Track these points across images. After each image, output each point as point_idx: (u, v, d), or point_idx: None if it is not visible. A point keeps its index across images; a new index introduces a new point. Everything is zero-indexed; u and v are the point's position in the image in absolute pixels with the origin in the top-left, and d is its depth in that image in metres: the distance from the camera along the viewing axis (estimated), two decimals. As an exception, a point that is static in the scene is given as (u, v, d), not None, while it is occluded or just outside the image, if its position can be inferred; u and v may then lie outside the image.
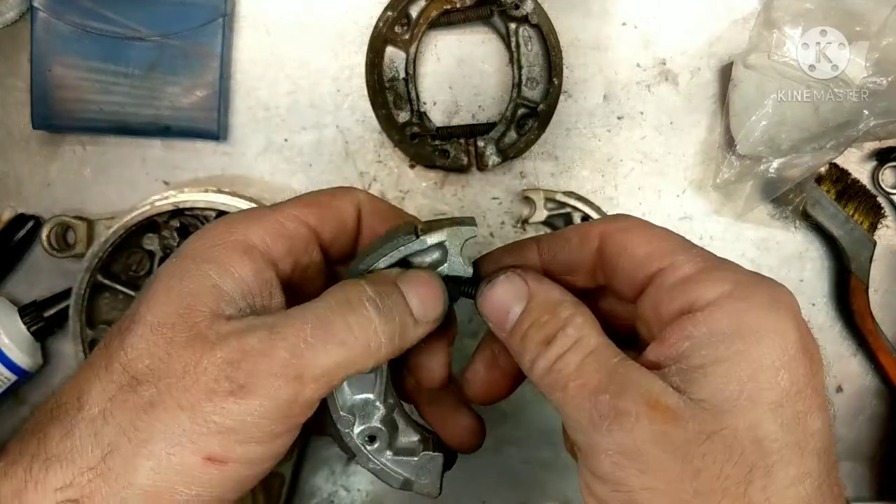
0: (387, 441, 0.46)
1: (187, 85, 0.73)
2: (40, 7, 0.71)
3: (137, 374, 0.38)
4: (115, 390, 0.38)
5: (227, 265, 0.40)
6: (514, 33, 0.72)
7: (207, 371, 0.37)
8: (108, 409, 0.37)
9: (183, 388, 0.37)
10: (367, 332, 0.40)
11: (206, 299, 0.39)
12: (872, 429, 0.79)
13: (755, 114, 0.69)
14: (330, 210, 0.45)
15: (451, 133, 0.74)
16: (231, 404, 0.37)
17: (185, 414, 0.37)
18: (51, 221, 0.73)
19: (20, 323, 0.73)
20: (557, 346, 0.38)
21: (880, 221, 0.76)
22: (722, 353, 0.35)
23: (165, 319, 0.39)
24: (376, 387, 0.46)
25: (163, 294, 0.40)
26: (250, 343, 0.38)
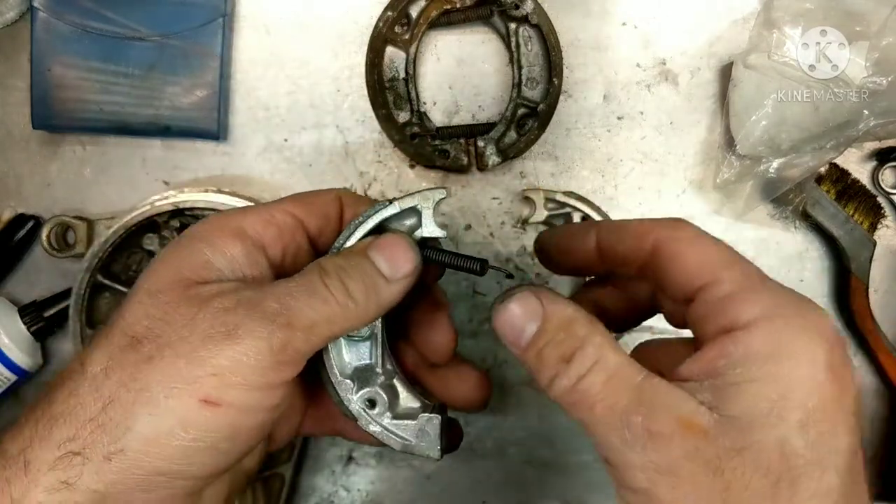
0: (386, 405, 0.48)
1: (187, 85, 0.73)
2: (40, 7, 0.71)
3: (137, 335, 0.40)
4: (115, 351, 0.40)
5: (220, 245, 0.44)
6: (514, 33, 0.72)
7: (205, 320, 0.40)
8: (109, 366, 0.40)
9: (180, 338, 0.40)
10: (341, 293, 0.43)
11: (200, 271, 0.43)
12: (872, 429, 0.79)
13: (755, 114, 0.69)
14: (314, 205, 0.49)
15: (451, 133, 0.74)
16: (226, 347, 0.39)
17: (182, 360, 0.39)
18: (51, 221, 0.73)
19: (20, 323, 0.73)
20: (577, 365, 0.40)
21: (880, 221, 0.76)
22: (755, 372, 0.37)
23: (161, 286, 0.42)
24: (373, 353, 0.49)
25: (159, 266, 0.44)
26: (243, 295, 0.41)
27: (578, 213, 0.73)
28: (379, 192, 0.76)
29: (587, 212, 0.73)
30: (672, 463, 0.36)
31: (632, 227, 0.45)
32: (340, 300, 0.43)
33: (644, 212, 0.76)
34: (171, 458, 0.39)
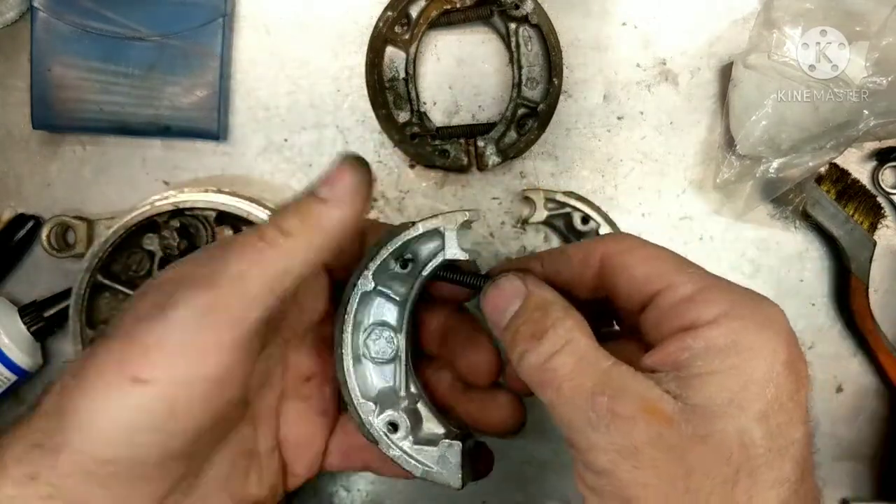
0: (408, 429, 0.47)
1: (187, 85, 0.73)
2: (40, 7, 0.71)
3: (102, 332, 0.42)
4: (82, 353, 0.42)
5: None
6: (514, 33, 0.72)
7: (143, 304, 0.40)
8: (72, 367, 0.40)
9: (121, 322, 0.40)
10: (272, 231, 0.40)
11: None
12: (872, 429, 0.79)
13: (755, 114, 0.69)
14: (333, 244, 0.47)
15: (451, 133, 0.74)
16: (155, 323, 0.38)
17: (116, 343, 0.39)
18: (51, 221, 0.73)
19: (20, 323, 0.73)
20: (548, 344, 0.40)
21: (880, 221, 0.76)
22: (717, 365, 0.38)
23: None
24: (397, 376, 0.48)
25: None
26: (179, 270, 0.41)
27: (578, 214, 0.73)
28: (379, 191, 0.76)
29: (587, 212, 0.73)
30: (635, 445, 0.37)
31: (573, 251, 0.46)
32: (270, 239, 0.40)
33: (644, 212, 0.76)
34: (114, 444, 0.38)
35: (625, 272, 0.43)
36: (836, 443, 0.79)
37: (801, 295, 0.78)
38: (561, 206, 0.74)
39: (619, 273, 0.43)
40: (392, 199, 0.76)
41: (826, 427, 0.79)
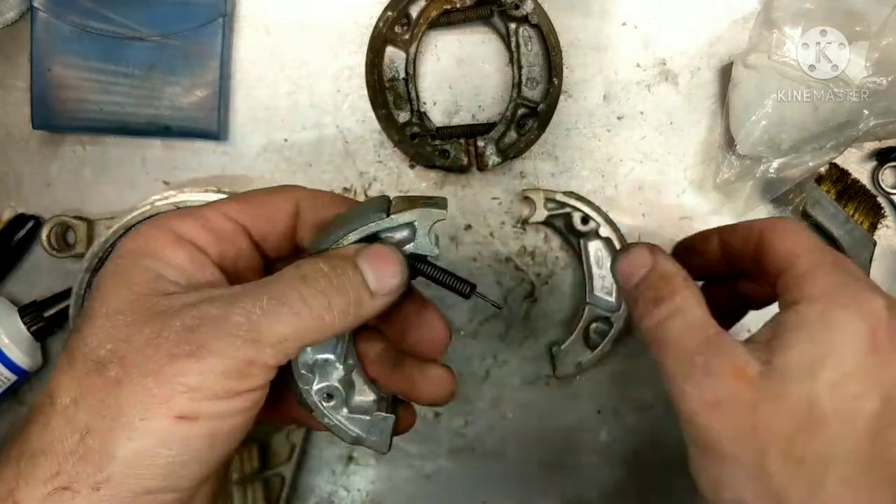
0: (343, 399, 0.49)
1: (187, 85, 0.73)
2: (40, 7, 0.71)
3: (101, 359, 0.40)
4: (81, 378, 0.40)
5: (163, 255, 0.44)
6: (514, 33, 0.72)
7: (168, 339, 0.39)
8: (77, 395, 0.39)
9: (146, 357, 0.39)
10: (320, 305, 0.42)
11: (154, 285, 0.42)
12: (872, 429, 0.79)
13: (755, 114, 0.69)
14: (261, 207, 0.48)
15: (451, 133, 0.74)
16: (192, 364, 0.39)
17: (151, 380, 0.39)
18: (51, 221, 0.73)
19: (20, 323, 0.73)
20: (664, 310, 0.46)
21: (880, 221, 0.76)
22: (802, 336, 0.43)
23: (117, 307, 0.41)
24: (337, 349, 0.49)
25: (111, 289, 0.42)
26: (207, 310, 0.40)
27: (578, 214, 0.73)
28: (379, 191, 0.76)
29: (587, 211, 0.73)
30: (718, 397, 0.42)
31: (743, 223, 0.53)
32: (315, 314, 0.42)
33: (644, 212, 0.76)
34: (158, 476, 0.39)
35: (774, 245, 0.49)
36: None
37: (801, 295, 0.78)
38: (561, 206, 0.74)
39: (770, 246, 0.49)
40: (392, 199, 0.76)
41: (826, 427, 0.79)
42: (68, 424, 0.39)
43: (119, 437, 0.38)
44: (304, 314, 0.41)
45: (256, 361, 0.40)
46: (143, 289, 0.42)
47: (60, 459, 0.38)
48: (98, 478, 0.38)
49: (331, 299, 0.42)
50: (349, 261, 0.44)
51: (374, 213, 0.46)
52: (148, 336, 0.40)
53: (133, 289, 0.42)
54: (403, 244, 0.47)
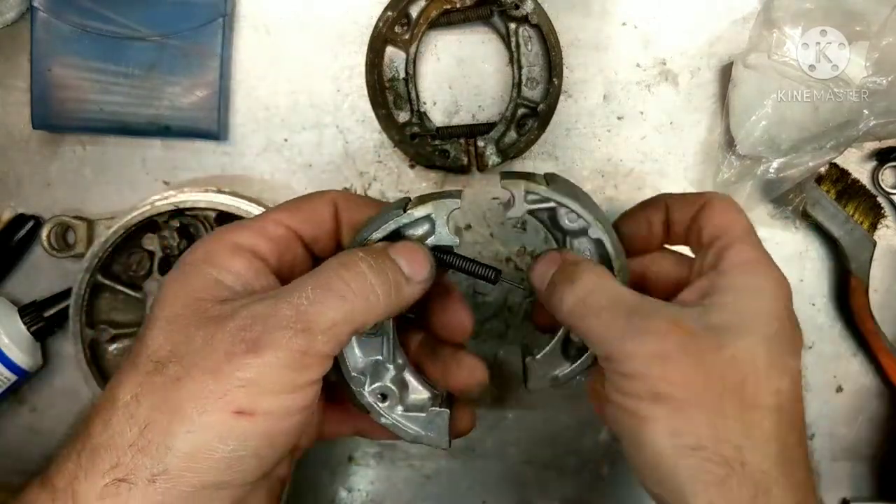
0: (397, 398, 0.51)
1: (187, 85, 0.73)
2: (40, 7, 0.71)
3: (161, 359, 0.42)
4: (143, 377, 0.42)
5: (222, 263, 0.46)
6: (514, 33, 0.72)
7: (224, 339, 0.41)
8: (139, 392, 0.41)
9: (204, 356, 0.41)
10: (363, 286, 0.45)
11: (212, 291, 0.45)
12: (872, 429, 0.79)
13: (755, 114, 0.69)
14: (306, 212, 0.51)
15: (451, 133, 0.74)
16: (249, 360, 0.41)
17: (210, 377, 0.41)
18: (51, 221, 0.73)
19: (20, 323, 0.73)
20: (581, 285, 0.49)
21: (880, 221, 0.76)
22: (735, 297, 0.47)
23: (177, 311, 0.44)
24: (384, 349, 0.51)
25: (171, 295, 0.45)
26: (257, 309, 0.42)
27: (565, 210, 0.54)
28: (379, 191, 0.76)
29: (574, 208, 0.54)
30: (665, 351, 0.45)
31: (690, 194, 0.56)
32: (361, 295, 0.44)
33: (644, 212, 0.76)
34: (215, 471, 0.41)
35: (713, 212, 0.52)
36: (836, 443, 0.79)
37: (801, 295, 0.78)
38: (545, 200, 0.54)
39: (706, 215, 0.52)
40: (392, 199, 0.76)
41: (826, 427, 0.79)
42: (128, 419, 0.41)
43: (177, 431, 0.40)
44: (349, 297, 0.44)
45: (310, 351, 0.42)
46: (201, 294, 0.44)
47: (119, 452, 0.40)
48: (155, 470, 0.39)
49: (372, 280, 0.45)
50: (382, 251, 0.47)
51: (394, 212, 0.49)
52: (205, 337, 0.42)
53: (192, 294, 0.44)
54: (425, 238, 0.49)
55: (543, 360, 0.56)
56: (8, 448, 0.80)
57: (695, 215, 0.53)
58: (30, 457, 0.80)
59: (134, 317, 0.74)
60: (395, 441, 0.53)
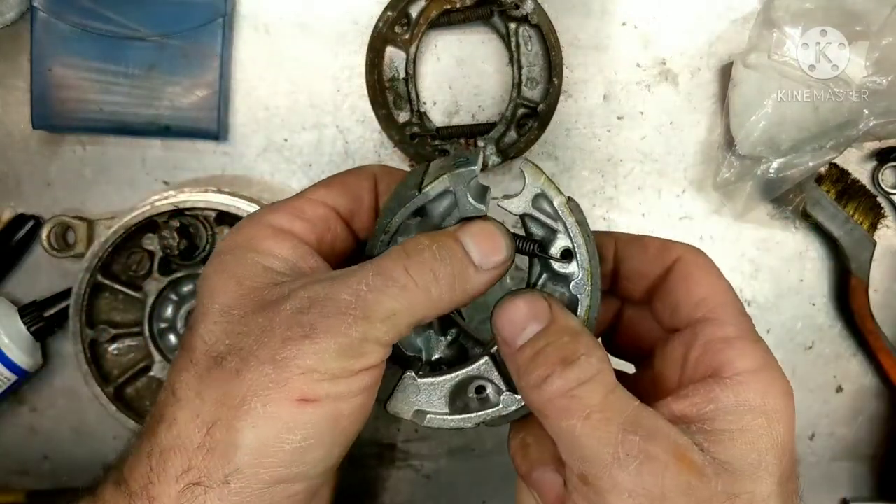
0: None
1: (187, 85, 0.73)
2: (40, 7, 0.71)
3: (220, 354, 0.40)
4: (203, 373, 0.40)
5: (266, 248, 0.44)
6: (514, 33, 0.72)
7: (281, 324, 0.39)
8: (201, 389, 0.40)
9: (261, 345, 0.39)
10: (425, 277, 0.41)
11: (262, 278, 0.42)
12: (872, 429, 0.79)
13: (755, 114, 0.69)
14: (345, 187, 0.48)
15: (451, 133, 0.74)
16: (306, 346, 0.39)
17: (268, 366, 0.39)
18: (51, 221, 0.73)
19: (20, 323, 0.73)
20: (579, 371, 0.39)
21: (880, 221, 0.76)
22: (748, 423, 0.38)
23: (231, 302, 0.42)
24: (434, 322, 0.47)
25: (220, 286, 0.43)
26: (315, 291, 0.40)
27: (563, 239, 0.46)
28: (379, 192, 0.76)
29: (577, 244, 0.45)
30: (666, 493, 0.36)
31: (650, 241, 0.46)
32: (422, 286, 0.41)
33: (644, 212, 0.76)
34: (286, 464, 0.39)
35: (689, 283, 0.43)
36: (836, 443, 0.79)
37: (801, 295, 0.78)
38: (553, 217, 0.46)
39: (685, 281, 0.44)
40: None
41: (826, 427, 0.79)
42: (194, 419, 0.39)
43: (243, 427, 0.38)
44: (410, 287, 0.41)
45: (369, 338, 0.40)
46: (251, 282, 0.42)
47: (190, 455, 0.39)
48: (227, 470, 0.38)
49: (436, 271, 0.41)
50: (451, 235, 0.43)
51: (409, 193, 0.44)
52: (261, 325, 0.40)
53: (242, 283, 0.42)
54: (450, 211, 0.45)
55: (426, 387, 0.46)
56: (8, 448, 0.80)
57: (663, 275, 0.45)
58: (30, 457, 0.80)
59: (134, 317, 0.74)
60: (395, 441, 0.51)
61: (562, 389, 0.39)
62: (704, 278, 0.44)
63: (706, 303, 0.42)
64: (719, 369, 0.40)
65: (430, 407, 0.46)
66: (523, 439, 0.45)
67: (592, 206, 0.76)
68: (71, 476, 0.80)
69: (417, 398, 0.46)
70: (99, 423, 0.79)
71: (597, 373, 0.39)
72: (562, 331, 0.41)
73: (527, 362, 0.41)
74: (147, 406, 0.73)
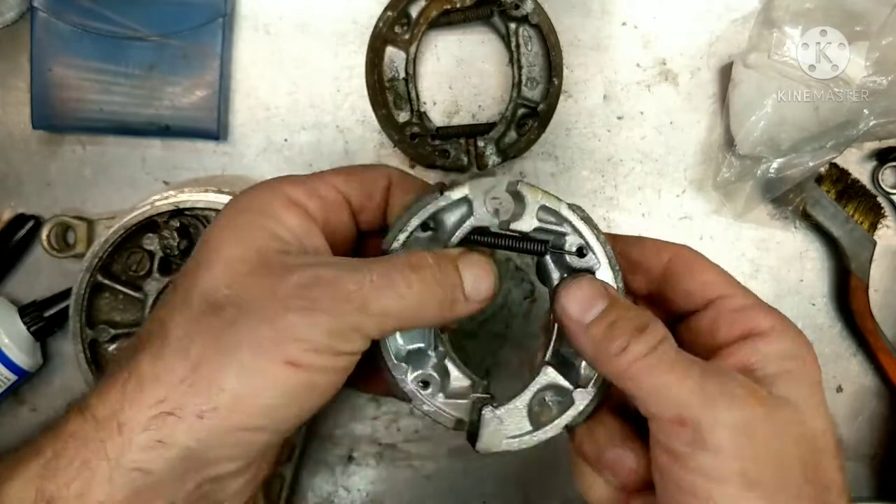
0: (439, 385, 0.49)
1: (187, 85, 0.73)
2: (40, 7, 0.71)
3: (217, 301, 0.43)
4: (197, 316, 0.43)
5: (279, 216, 0.46)
6: (514, 33, 0.72)
7: (285, 291, 0.42)
8: (193, 330, 0.42)
9: (262, 306, 0.42)
10: (421, 294, 0.44)
11: (271, 243, 0.45)
12: (872, 429, 0.79)
13: (755, 114, 0.69)
14: (362, 180, 0.51)
15: (450, 133, 0.74)
16: (305, 317, 0.42)
17: (266, 325, 0.42)
18: (51, 221, 0.73)
19: (20, 323, 0.73)
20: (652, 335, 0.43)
21: (880, 221, 0.76)
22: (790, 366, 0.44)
23: (240, 255, 0.44)
24: (426, 337, 0.50)
25: (228, 240, 0.45)
26: (323, 272, 0.43)
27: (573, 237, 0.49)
28: (379, 192, 0.76)
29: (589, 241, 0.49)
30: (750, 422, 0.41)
31: (650, 242, 0.51)
32: (416, 299, 0.44)
33: (644, 212, 0.76)
34: (258, 415, 0.42)
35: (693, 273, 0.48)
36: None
37: (801, 295, 0.78)
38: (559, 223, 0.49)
39: (687, 273, 0.48)
40: (392, 199, 0.76)
41: (826, 427, 0.79)
42: (180, 356, 0.42)
43: (229, 373, 0.41)
44: (406, 297, 0.44)
45: (359, 329, 0.43)
46: (260, 244, 0.45)
47: (169, 388, 0.41)
48: (204, 407, 0.41)
49: (431, 291, 0.45)
50: (452, 262, 0.46)
51: (430, 196, 0.48)
52: (265, 287, 0.43)
53: (251, 243, 0.45)
54: (464, 220, 0.48)
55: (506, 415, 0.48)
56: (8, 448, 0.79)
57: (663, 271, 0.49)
58: (30, 457, 0.80)
59: (134, 317, 0.74)
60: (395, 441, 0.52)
61: (643, 352, 0.43)
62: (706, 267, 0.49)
63: (716, 284, 0.48)
64: (751, 330, 0.45)
65: (517, 430, 0.48)
66: (589, 427, 0.48)
67: (592, 206, 0.76)
68: (71, 476, 0.80)
69: (502, 428, 0.48)
70: (99, 423, 0.79)
71: (665, 335, 0.44)
72: (624, 306, 0.46)
73: (603, 335, 0.44)
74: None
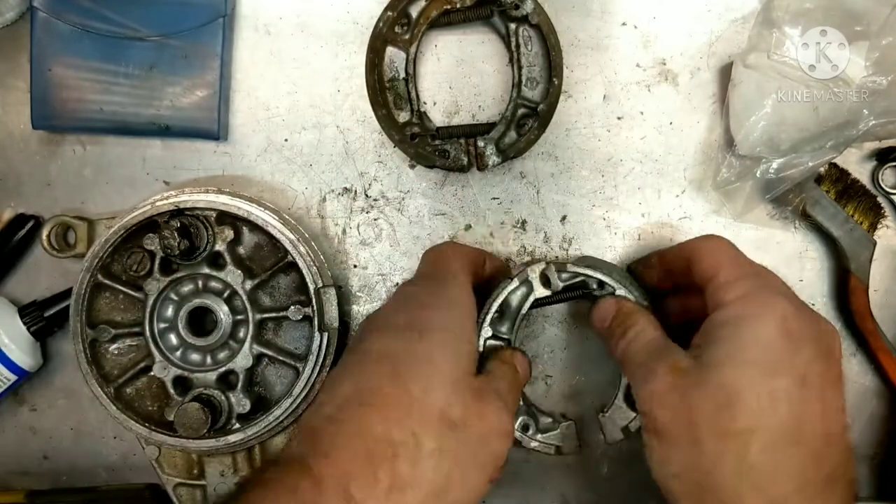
0: (535, 426, 0.69)
1: (187, 85, 0.73)
2: (40, 7, 0.71)
3: (455, 420, 0.54)
4: (445, 430, 0.53)
5: (471, 339, 0.61)
6: (514, 33, 0.72)
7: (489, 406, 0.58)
8: (441, 446, 0.52)
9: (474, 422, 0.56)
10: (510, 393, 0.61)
11: (472, 366, 0.59)
12: (872, 429, 0.79)
13: (755, 114, 0.69)
14: (479, 257, 0.69)
15: (451, 133, 0.74)
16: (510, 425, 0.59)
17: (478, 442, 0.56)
18: (51, 221, 0.73)
19: (20, 323, 0.73)
20: (628, 336, 0.62)
21: (880, 221, 0.76)
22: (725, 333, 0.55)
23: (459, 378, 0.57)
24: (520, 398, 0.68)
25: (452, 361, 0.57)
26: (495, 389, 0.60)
27: (595, 280, 0.67)
28: (379, 191, 0.76)
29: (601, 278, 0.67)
30: (660, 391, 0.55)
31: (678, 245, 0.66)
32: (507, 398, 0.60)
33: (644, 212, 0.76)
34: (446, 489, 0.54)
35: (699, 261, 0.60)
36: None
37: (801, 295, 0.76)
38: (574, 276, 0.68)
39: (696, 261, 0.61)
40: (392, 199, 0.76)
41: (826, 427, 0.79)
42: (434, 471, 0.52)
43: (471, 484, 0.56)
44: (505, 398, 0.59)
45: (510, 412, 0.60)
46: (468, 367, 0.58)
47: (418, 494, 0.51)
48: None
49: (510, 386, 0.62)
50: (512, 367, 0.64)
51: (503, 283, 0.67)
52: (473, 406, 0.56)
53: (464, 366, 0.58)
54: (527, 295, 0.67)
55: (613, 413, 0.67)
56: (8, 448, 0.80)
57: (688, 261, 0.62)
58: (30, 457, 0.80)
59: (134, 317, 0.74)
60: None
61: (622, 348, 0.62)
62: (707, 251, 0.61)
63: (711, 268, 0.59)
64: (716, 305, 0.57)
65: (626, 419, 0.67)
66: None
67: (592, 206, 0.76)
68: (71, 476, 0.80)
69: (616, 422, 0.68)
70: (99, 423, 0.79)
71: (637, 334, 0.61)
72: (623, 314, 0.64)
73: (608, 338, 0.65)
74: (147, 406, 0.73)
